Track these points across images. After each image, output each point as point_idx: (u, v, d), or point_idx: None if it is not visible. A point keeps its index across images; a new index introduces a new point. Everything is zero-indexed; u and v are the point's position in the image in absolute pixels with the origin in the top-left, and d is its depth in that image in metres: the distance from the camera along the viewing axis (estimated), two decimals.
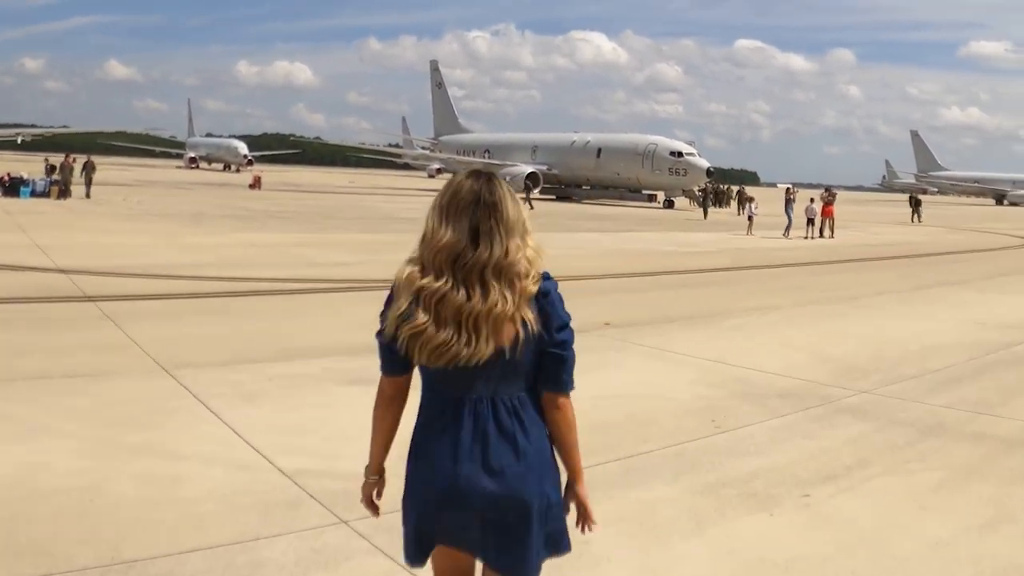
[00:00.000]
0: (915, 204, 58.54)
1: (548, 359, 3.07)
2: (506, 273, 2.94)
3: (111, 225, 26.63)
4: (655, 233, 34.67)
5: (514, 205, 3.02)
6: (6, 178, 41.91)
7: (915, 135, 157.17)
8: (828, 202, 37.83)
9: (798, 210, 37.87)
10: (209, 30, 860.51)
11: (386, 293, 3.08)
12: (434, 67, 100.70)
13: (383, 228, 30.21)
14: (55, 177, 42.23)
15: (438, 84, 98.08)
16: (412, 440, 3.11)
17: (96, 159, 46.17)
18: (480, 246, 2.94)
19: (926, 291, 18.70)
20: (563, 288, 3.11)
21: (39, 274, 15.31)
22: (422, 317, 2.93)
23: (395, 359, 3.07)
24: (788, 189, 42.68)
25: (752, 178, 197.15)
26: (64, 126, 76.56)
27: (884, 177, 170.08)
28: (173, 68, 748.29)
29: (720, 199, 63.87)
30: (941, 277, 21.93)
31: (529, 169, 67.73)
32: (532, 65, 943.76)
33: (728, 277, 20.22)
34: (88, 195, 39.99)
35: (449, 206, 3.00)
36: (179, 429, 6.95)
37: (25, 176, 42.44)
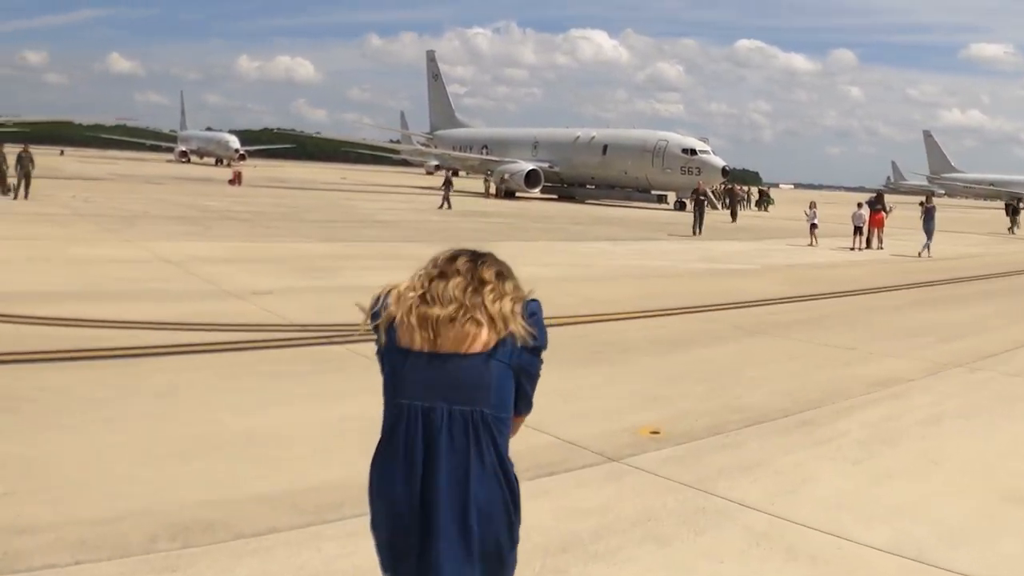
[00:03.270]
0: (1013, 212, 51.29)
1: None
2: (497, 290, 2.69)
3: (5, 230, 21.37)
4: (676, 243, 29.33)
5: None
6: None
7: (927, 135, 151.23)
8: (877, 210, 32.60)
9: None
10: (209, 24, 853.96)
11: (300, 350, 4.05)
12: (431, 57, 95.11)
13: (350, 235, 25.08)
14: None
15: (434, 75, 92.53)
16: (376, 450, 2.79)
17: (89, 152, 40.02)
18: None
19: None
20: (575, 338, 1.62)
21: None
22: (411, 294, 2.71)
23: None
24: (928, 197, 35.54)
25: (754, 178, 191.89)
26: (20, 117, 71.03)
27: (889, 178, 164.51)
28: (174, 62, 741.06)
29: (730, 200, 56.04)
30: None
31: (529, 166, 62.66)
32: (533, 63, 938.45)
33: (793, 312, 14.96)
34: (23, 194, 32.83)
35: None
36: None
37: None
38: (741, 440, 7.28)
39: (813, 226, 32.02)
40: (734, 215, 48.51)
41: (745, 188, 75.71)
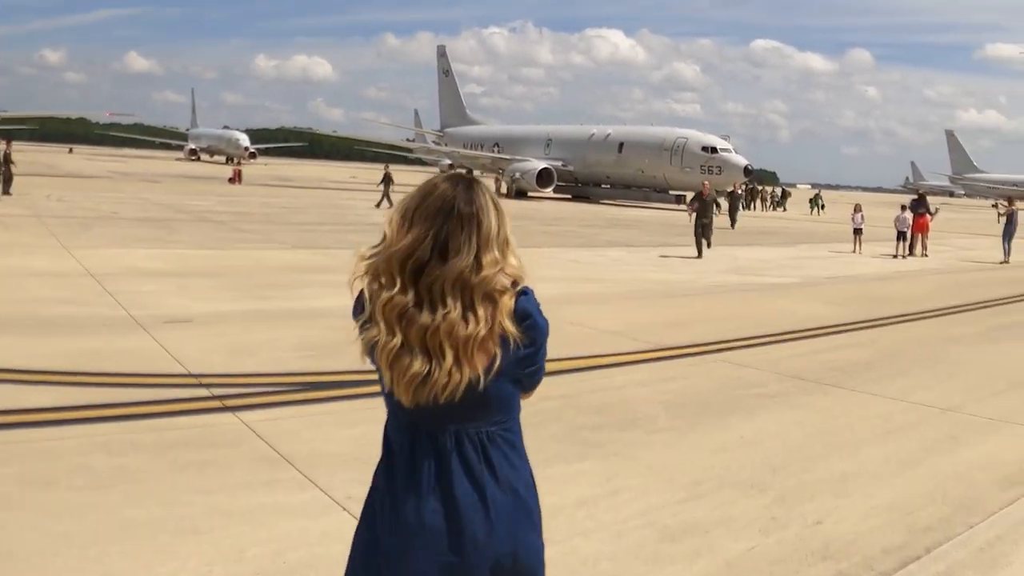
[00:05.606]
0: None
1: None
2: (480, 288, 2.24)
3: None
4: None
5: (497, 216, 2.33)
6: None
7: (950, 135, 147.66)
8: (921, 213, 29.50)
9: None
10: (229, 24, 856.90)
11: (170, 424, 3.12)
12: (441, 52, 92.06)
13: (331, 240, 22.25)
14: None
15: (445, 71, 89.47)
16: (374, 476, 2.43)
17: (103, 150, 38.04)
18: (449, 258, 2.24)
19: None
20: (558, 403, 1.57)
21: None
22: (387, 337, 2.23)
23: None
24: (1010, 200, 31.25)
25: (771, 178, 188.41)
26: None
27: (907, 179, 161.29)
28: (193, 61, 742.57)
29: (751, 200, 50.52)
30: None
31: (542, 165, 59.87)
32: (550, 62, 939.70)
33: (855, 348, 11.80)
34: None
35: (416, 211, 2.30)
36: None
37: None
38: None
39: (858, 231, 29.13)
40: (733, 221, 39.51)
41: (768, 188, 72.87)
